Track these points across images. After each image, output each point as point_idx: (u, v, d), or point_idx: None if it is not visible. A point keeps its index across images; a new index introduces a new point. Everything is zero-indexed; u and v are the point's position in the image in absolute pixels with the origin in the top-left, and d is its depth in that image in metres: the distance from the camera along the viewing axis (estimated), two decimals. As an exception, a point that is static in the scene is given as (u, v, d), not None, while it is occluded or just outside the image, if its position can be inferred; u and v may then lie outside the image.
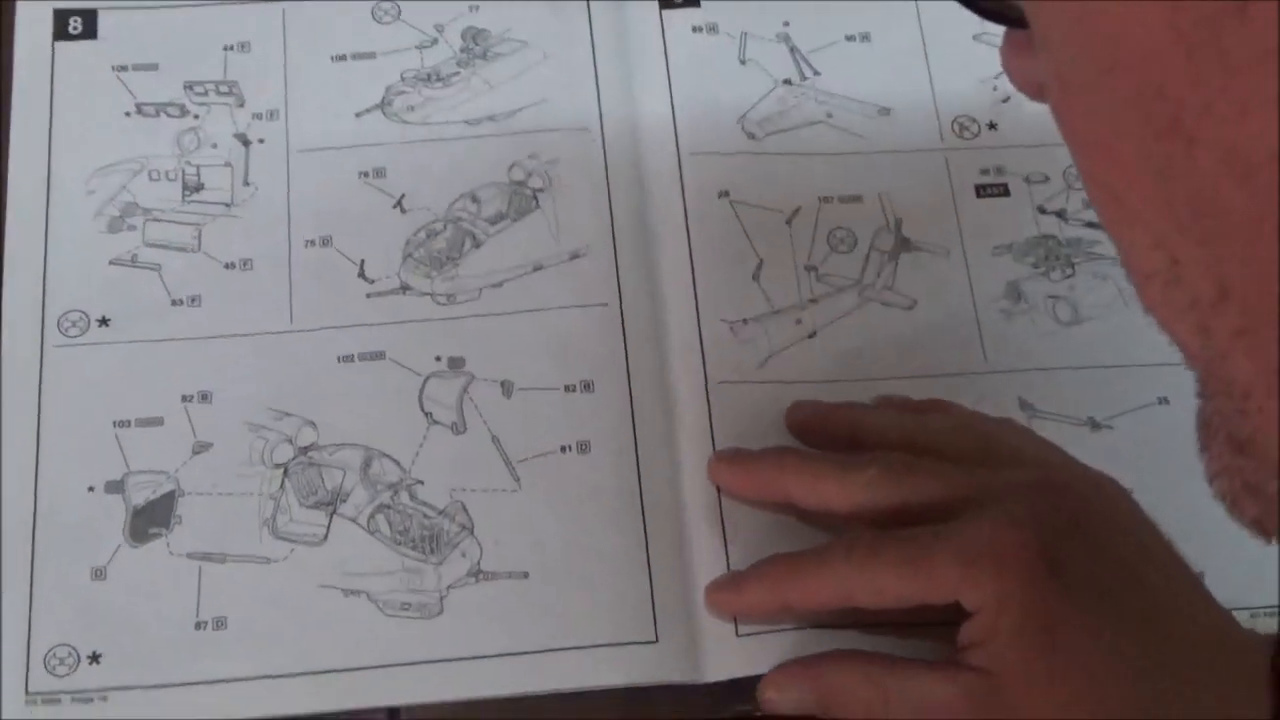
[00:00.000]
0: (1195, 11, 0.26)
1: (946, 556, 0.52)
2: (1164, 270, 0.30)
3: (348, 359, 0.63)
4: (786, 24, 0.71)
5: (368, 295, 0.65)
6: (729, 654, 0.59)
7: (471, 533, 0.60)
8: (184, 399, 0.62)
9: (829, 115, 0.69)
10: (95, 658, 0.58)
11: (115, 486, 0.61)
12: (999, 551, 0.51)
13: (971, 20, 0.42)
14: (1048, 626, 0.50)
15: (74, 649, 0.58)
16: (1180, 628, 0.51)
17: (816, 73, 0.70)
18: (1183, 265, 0.30)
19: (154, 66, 0.69)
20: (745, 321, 0.64)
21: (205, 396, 0.63)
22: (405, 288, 0.65)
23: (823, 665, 0.56)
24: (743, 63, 0.70)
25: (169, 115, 0.68)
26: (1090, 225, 0.67)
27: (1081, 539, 0.52)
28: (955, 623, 0.53)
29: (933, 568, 0.52)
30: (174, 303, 0.64)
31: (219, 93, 0.69)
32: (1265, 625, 0.60)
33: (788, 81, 0.70)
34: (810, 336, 0.64)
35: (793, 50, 0.71)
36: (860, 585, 0.54)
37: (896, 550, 0.53)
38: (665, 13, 0.71)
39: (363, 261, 0.65)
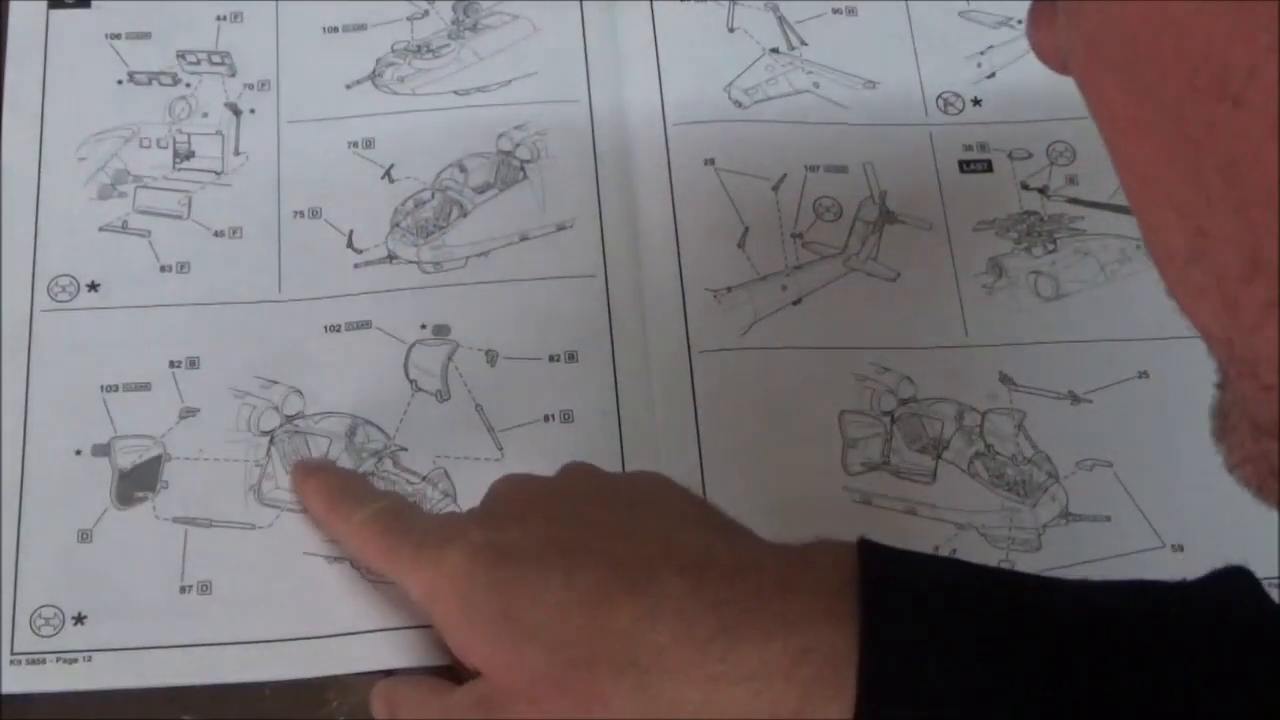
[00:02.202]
0: None
1: (412, 536, 0.54)
2: (1187, 247, 0.30)
3: (334, 329, 0.64)
4: None
5: (355, 265, 0.65)
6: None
7: (454, 500, 0.61)
8: (172, 365, 0.63)
9: (816, 85, 0.69)
10: (80, 619, 0.58)
11: (102, 450, 0.61)
12: (445, 536, 0.52)
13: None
14: (492, 605, 0.50)
15: (59, 610, 0.59)
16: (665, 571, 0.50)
17: (804, 43, 0.70)
18: (1210, 238, 0.29)
19: (147, 35, 0.70)
20: (730, 289, 0.65)
21: (193, 363, 0.63)
22: (392, 256, 0.65)
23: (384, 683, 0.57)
24: (730, 30, 0.71)
25: (161, 84, 0.69)
26: (1072, 201, 0.67)
27: (543, 523, 0.52)
28: None
29: (401, 543, 0.54)
30: (163, 269, 0.65)
31: (211, 62, 0.69)
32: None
33: (775, 50, 0.70)
34: (795, 303, 0.65)
35: (780, 19, 0.71)
36: (358, 553, 0.57)
37: (381, 527, 0.55)
38: (654, -19, 0.71)
39: (351, 232, 0.66)
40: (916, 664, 0.46)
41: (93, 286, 0.64)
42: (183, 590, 0.59)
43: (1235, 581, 0.48)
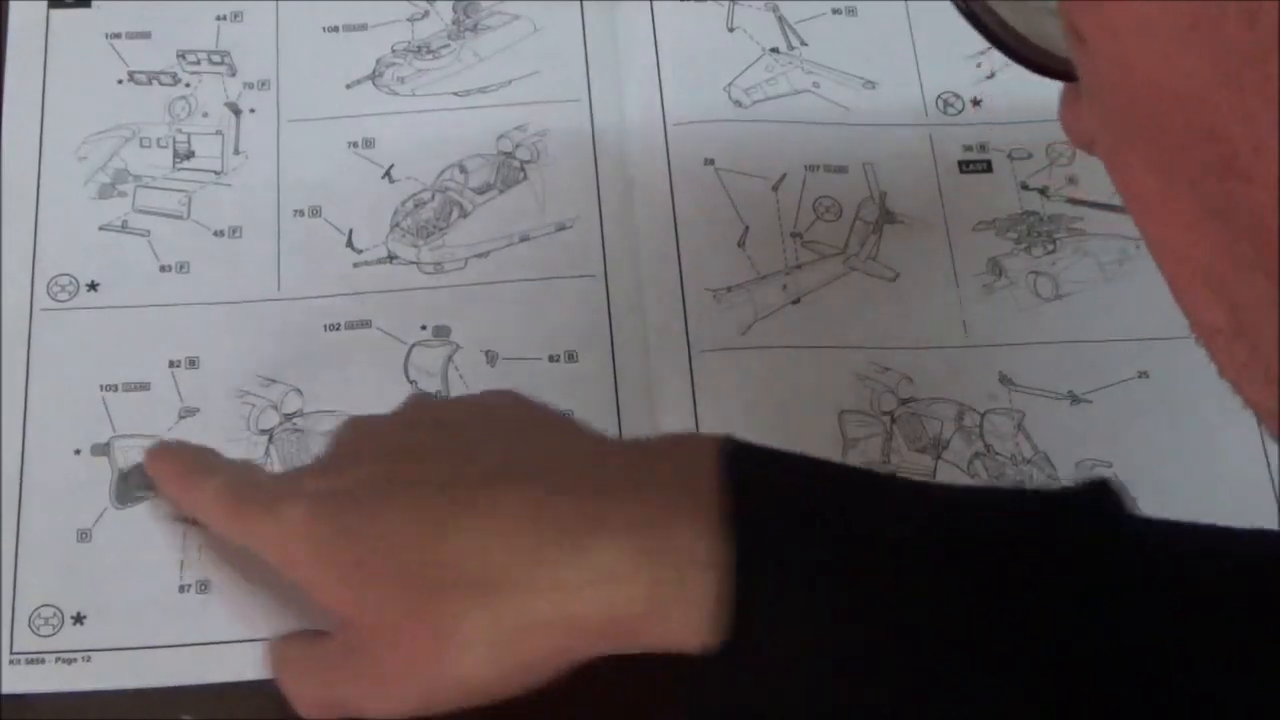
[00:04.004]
0: (1242, 50, 0.26)
1: (257, 497, 0.54)
2: (1227, 323, 0.30)
3: (334, 327, 0.64)
4: None
5: (355, 265, 0.65)
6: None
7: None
8: (171, 364, 0.63)
9: (816, 85, 0.69)
10: (79, 619, 0.58)
11: (101, 449, 0.61)
12: (285, 490, 0.53)
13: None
14: (338, 553, 0.51)
15: (59, 610, 0.59)
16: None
17: (804, 43, 0.70)
18: (1246, 310, 0.29)
19: (147, 35, 0.70)
20: (730, 289, 0.65)
21: (192, 362, 0.63)
22: (392, 257, 0.65)
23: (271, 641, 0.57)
24: (730, 30, 0.71)
25: (161, 83, 0.69)
26: (1072, 201, 0.67)
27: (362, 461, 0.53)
28: None
29: (248, 507, 0.54)
30: (163, 269, 0.65)
31: (211, 62, 0.69)
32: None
33: (775, 50, 0.70)
34: (795, 303, 0.65)
35: (780, 19, 0.71)
36: (209, 520, 0.57)
37: (229, 494, 0.55)
38: (655, -19, 0.71)
39: (351, 231, 0.66)
40: (779, 582, 0.45)
41: (93, 286, 0.64)
42: (182, 590, 0.59)
43: (1102, 493, 0.49)
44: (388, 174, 0.67)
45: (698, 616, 0.45)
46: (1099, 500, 0.48)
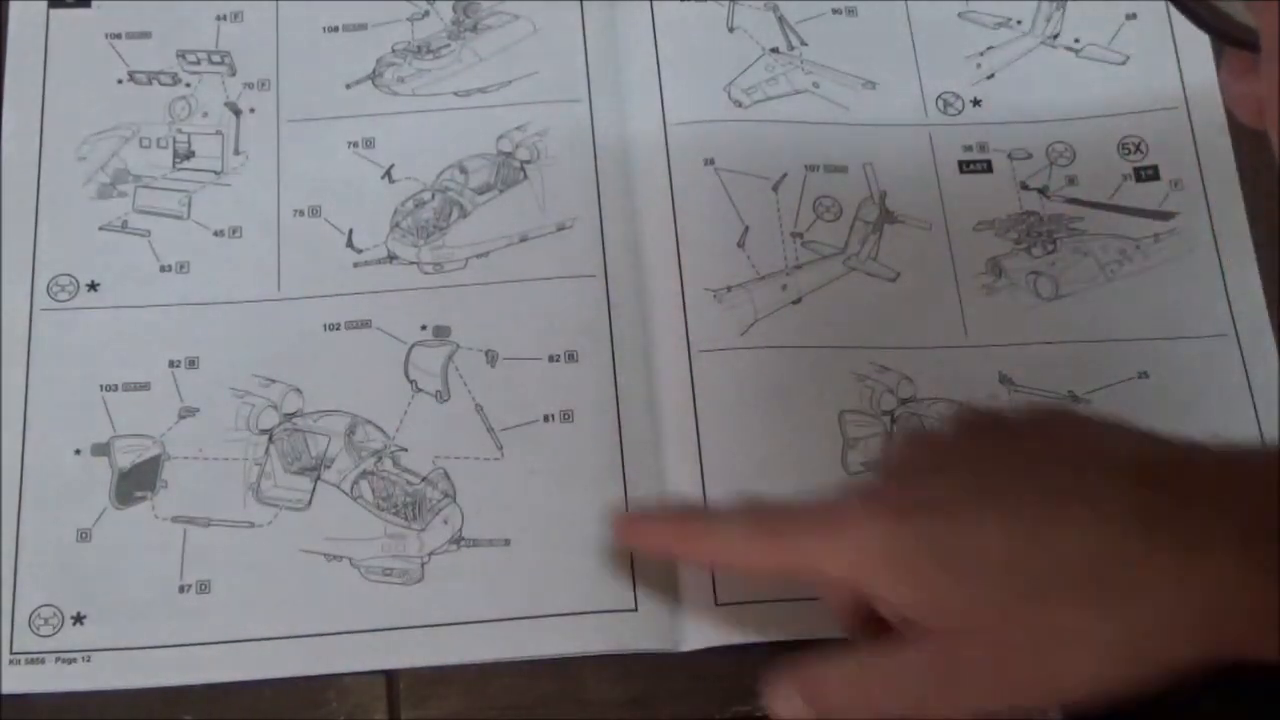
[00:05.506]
0: None
1: (805, 521, 0.51)
2: None
3: (334, 327, 0.64)
4: None
5: (355, 264, 0.65)
6: (707, 623, 0.59)
7: (454, 500, 0.61)
8: (171, 364, 0.63)
9: (815, 85, 0.69)
10: (79, 619, 0.59)
11: (101, 449, 0.61)
12: (855, 508, 0.50)
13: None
14: (934, 556, 0.48)
15: (58, 610, 0.59)
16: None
17: (804, 43, 0.70)
18: None
19: (147, 35, 0.70)
20: (730, 289, 0.65)
21: (192, 362, 0.63)
22: (392, 257, 0.65)
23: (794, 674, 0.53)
24: (730, 30, 0.70)
25: (161, 83, 0.69)
26: (1072, 201, 0.67)
27: (950, 468, 0.50)
28: None
29: (795, 528, 0.51)
30: (163, 269, 0.65)
31: (211, 62, 0.69)
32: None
33: (775, 50, 0.70)
34: (795, 302, 0.65)
35: (780, 19, 0.71)
36: (735, 559, 0.54)
37: (762, 524, 0.53)
38: (655, -19, 0.71)
39: (350, 231, 0.66)
40: None
41: (92, 286, 0.64)
42: (182, 590, 0.59)
43: None
44: (388, 174, 0.67)
45: None
46: None
